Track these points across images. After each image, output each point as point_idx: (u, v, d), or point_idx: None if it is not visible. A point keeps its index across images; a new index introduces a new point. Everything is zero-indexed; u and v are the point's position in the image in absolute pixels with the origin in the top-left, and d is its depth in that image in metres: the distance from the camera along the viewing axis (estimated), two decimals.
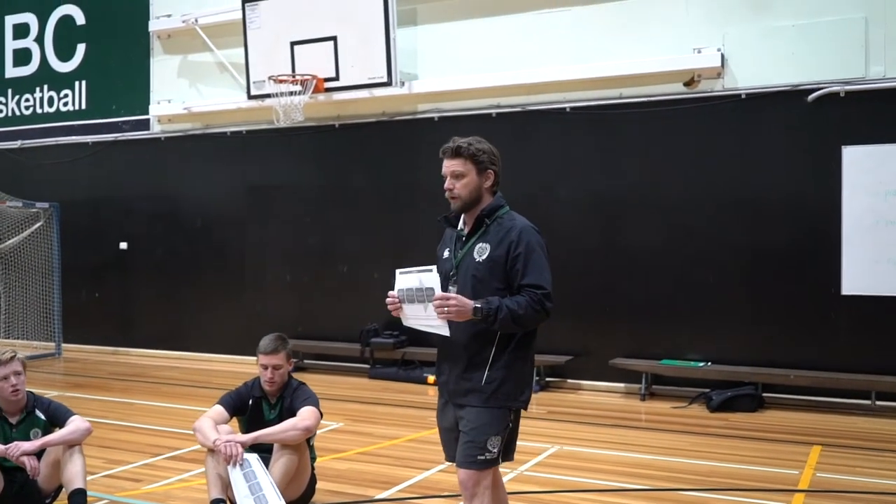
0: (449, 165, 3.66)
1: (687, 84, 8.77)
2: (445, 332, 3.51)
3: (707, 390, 8.30)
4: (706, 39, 8.70)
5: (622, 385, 8.96)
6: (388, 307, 3.68)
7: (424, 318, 3.54)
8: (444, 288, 3.54)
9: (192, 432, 6.79)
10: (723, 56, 8.60)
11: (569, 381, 9.27)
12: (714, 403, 7.98)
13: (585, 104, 9.26)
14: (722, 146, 8.67)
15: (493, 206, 3.68)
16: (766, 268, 8.47)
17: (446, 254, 3.75)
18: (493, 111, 9.73)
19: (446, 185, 3.66)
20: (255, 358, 7.43)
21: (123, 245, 12.17)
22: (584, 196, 9.26)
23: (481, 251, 3.58)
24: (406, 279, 3.58)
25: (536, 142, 9.52)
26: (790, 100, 8.39)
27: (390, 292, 3.67)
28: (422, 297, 3.51)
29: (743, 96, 8.55)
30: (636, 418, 7.89)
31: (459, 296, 3.44)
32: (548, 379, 9.26)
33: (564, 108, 9.34)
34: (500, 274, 3.54)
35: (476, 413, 3.55)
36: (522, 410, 3.68)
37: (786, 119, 8.42)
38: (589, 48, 9.24)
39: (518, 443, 3.82)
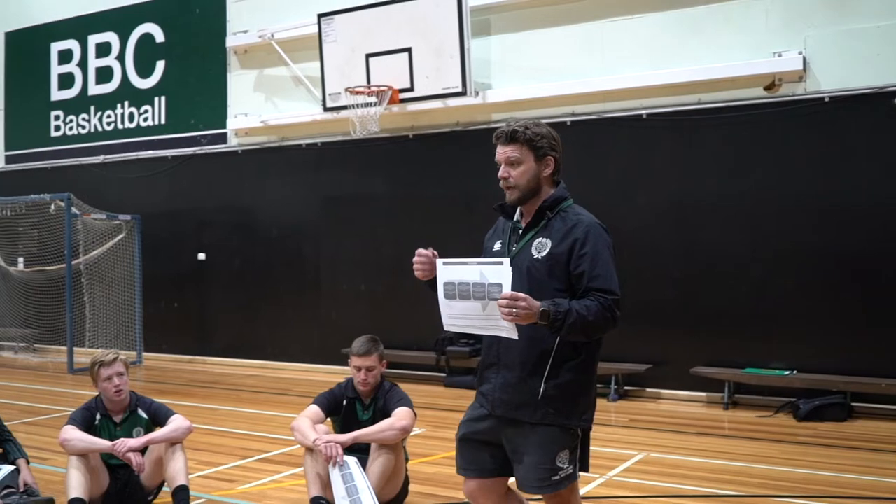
0: (503, 152, 3.27)
1: (767, 88, 8.65)
2: (513, 334, 3.00)
3: (793, 399, 8.13)
4: (787, 43, 8.57)
5: (703, 394, 8.83)
6: (416, 266, 3.27)
7: (480, 319, 3.03)
8: None
9: (279, 436, 6.94)
10: (804, 59, 8.47)
11: (648, 389, 9.16)
12: (802, 412, 7.81)
13: (662, 110, 9.19)
14: (804, 150, 8.52)
15: (556, 196, 3.28)
16: (851, 273, 8.27)
17: (498, 246, 3.35)
18: (568, 119, 9.72)
19: (500, 173, 3.27)
20: (331, 366, 7.51)
21: (201, 256, 12.44)
22: (663, 203, 9.17)
23: (541, 247, 3.20)
24: (458, 272, 3.07)
25: (612, 149, 9.48)
26: (875, 102, 8.20)
27: (420, 250, 3.28)
28: (482, 293, 2.99)
29: (826, 99, 8.40)
30: (720, 427, 7.76)
31: (528, 297, 2.94)
32: (626, 388, 9.17)
33: (641, 115, 9.29)
34: (561, 274, 3.15)
35: (534, 430, 3.20)
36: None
37: (870, 122, 8.24)
38: (665, 54, 9.18)
39: (603, 449, 3.66)
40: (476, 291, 3.01)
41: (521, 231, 3.30)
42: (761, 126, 8.67)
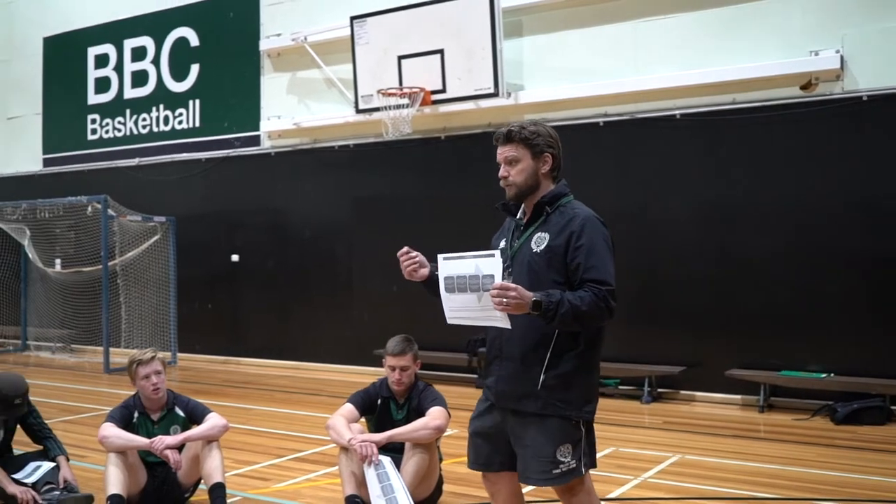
0: (501, 151, 3.39)
1: (804, 87, 8.55)
2: (506, 324, 3.11)
3: (830, 402, 8.02)
4: (823, 41, 8.47)
5: (738, 397, 8.73)
6: (404, 263, 3.40)
7: (477, 310, 3.13)
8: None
9: (313, 436, 6.97)
10: (842, 58, 8.36)
11: (682, 392, 9.09)
12: (840, 416, 7.70)
13: (697, 110, 9.12)
14: (842, 150, 8.41)
15: (555, 193, 3.37)
16: (889, 275, 8.14)
17: (502, 244, 3.44)
18: (601, 120, 9.68)
19: (500, 172, 3.37)
20: (363, 367, 7.46)
21: (235, 257, 12.55)
22: (697, 204, 9.10)
23: (539, 241, 3.28)
24: (456, 265, 3.17)
25: (646, 150, 9.42)
26: None
27: (406, 248, 3.41)
28: (477, 285, 3.10)
29: (864, 98, 8.28)
30: (756, 430, 7.67)
31: (519, 287, 3.04)
32: (660, 390, 9.10)
33: (674, 115, 9.22)
34: (559, 266, 3.22)
35: (535, 421, 3.25)
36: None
37: None
38: (699, 53, 9.11)
39: (637, 451, 3.66)
40: (472, 283, 3.12)
41: (522, 228, 3.40)
42: (797, 126, 8.57)
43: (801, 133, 8.57)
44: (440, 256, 3.26)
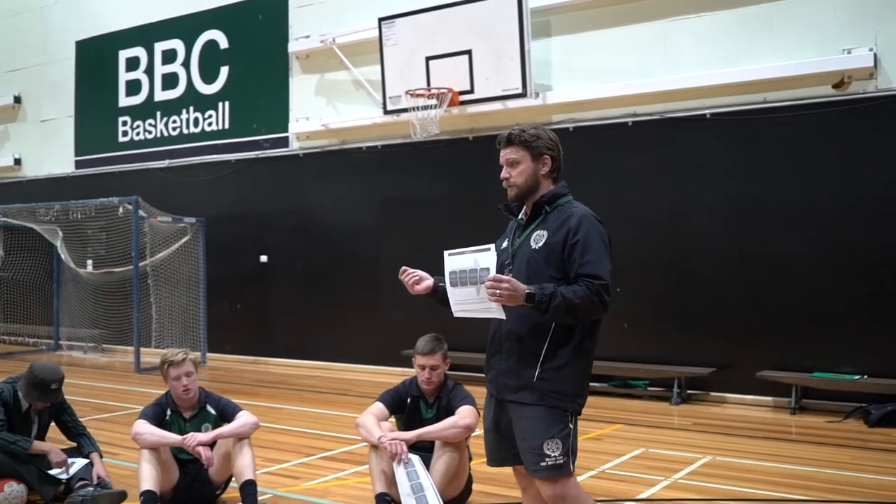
0: (503, 154, 3.52)
1: (836, 86, 8.45)
2: (501, 314, 3.27)
3: (864, 404, 7.92)
4: (856, 39, 8.38)
5: (770, 398, 8.64)
6: (405, 280, 3.56)
7: (476, 303, 3.30)
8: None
9: (342, 435, 7.00)
10: (875, 56, 8.25)
11: (712, 393, 9.01)
12: (873, 418, 7.60)
13: (727, 110, 9.05)
14: (875, 149, 8.30)
15: (554, 192, 3.50)
16: None
17: (505, 244, 3.58)
18: (630, 120, 9.63)
19: (502, 174, 3.52)
20: (391, 368, 7.35)
21: (263, 258, 12.62)
22: (727, 205, 9.02)
23: (538, 238, 3.41)
24: (457, 260, 3.36)
25: (675, 150, 9.36)
26: None
27: (404, 266, 3.57)
28: (475, 278, 3.27)
29: None
30: (787, 431, 7.60)
31: (512, 279, 3.21)
32: (689, 391, 9.04)
33: (704, 115, 9.16)
34: (557, 262, 3.35)
35: (529, 412, 3.37)
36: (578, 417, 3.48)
37: None
38: (730, 52, 9.04)
39: (667, 452, 3.68)
40: (472, 277, 3.30)
41: (522, 226, 3.55)
42: (830, 125, 8.48)
43: (834, 132, 8.48)
44: (445, 253, 3.40)
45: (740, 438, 7.23)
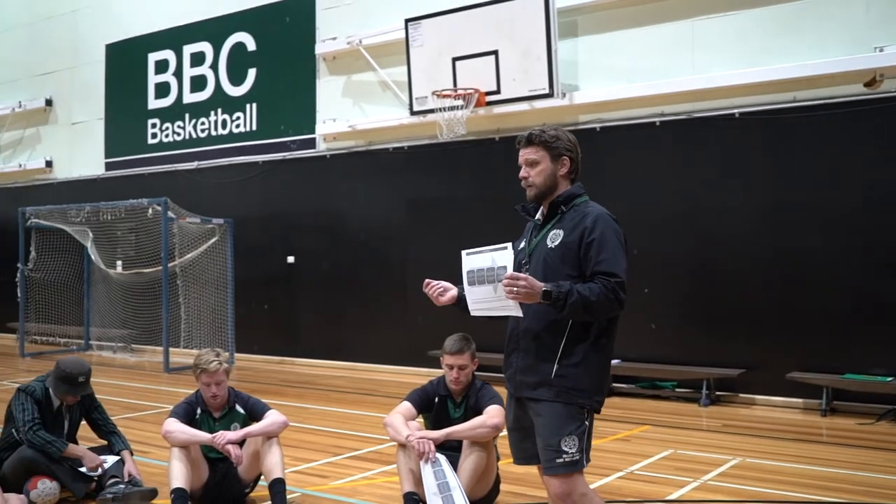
0: (523, 154, 3.57)
1: (867, 84, 8.34)
2: (518, 312, 3.32)
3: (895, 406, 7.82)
4: (889, 37, 8.27)
5: (800, 400, 8.55)
6: (429, 292, 3.58)
7: (494, 301, 3.34)
8: None
9: (369, 435, 7.02)
10: None
11: (741, 395, 8.93)
12: None
13: (756, 109, 8.97)
14: None
15: (570, 192, 3.54)
16: None
17: (522, 244, 3.62)
18: (657, 119, 9.58)
19: (521, 173, 3.56)
20: (418, 368, 7.27)
21: (291, 259, 12.69)
22: (756, 205, 8.94)
23: (554, 237, 3.46)
24: (475, 259, 3.40)
25: (703, 149, 9.30)
26: None
27: (427, 280, 3.58)
28: (492, 277, 3.32)
29: None
30: (818, 433, 7.52)
31: (529, 276, 3.26)
32: (718, 393, 8.96)
33: (733, 114, 9.08)
34: (573, 261, 3.39)
35: (546, 408, 3.38)
36: (596, 413, 3.48)
37: None
38: (759, 51, 8.96)
39: (696, 454, 3.67)
40: (489, 275, 3.34)
41: (539, 226, 3.58)
42: (861, 124, 8.38)
43: (865, 131, 8.38)
44: (463, 252, 3.44)
45: (770, 440, 7.16)
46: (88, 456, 5.21)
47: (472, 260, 3.40)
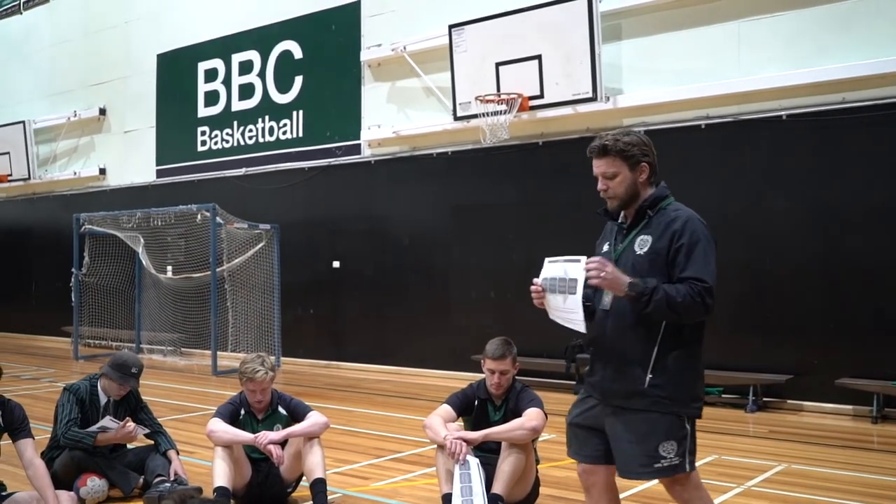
0: (598, 166, 3.46)
1: None
2: (581, 328, 3.31)
3: None
4: None
5: (850, 407, 8.39)
6: (532, 296, 3.51)
7: (563, 311, 3.36)
8: None
9: (411, 438, 7.05)
10: None
11: (788, 401, 8.79)
12: None
13: (804, 111, 8.84)
14: None
15: (656, 196, 3.46)
16: None
17: (606, 247, 3.55)
18: (702, 122, 9.49)
19: (599, 185, 3.47)
20: (461, 373, 7.23)
21: (336, 264, 12.82)
22: (805, 207, 8.81)
23: (643, 244, 3.38)
24: (552, 268, 3.43)
25: (750, 152, 9.19)
26: None
27: (535, 280, 3.51)
28: (564, 287, 3.33)
29: None
30: (868, 441, 7.37)
31: (615, 267, 3.26)
32: (765, 399, 8.82)
33: (780, 116, 8.96)
34: (662, 266, 3.32)
35: (642, 418, 3.33)
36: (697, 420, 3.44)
37: None
38: (807, 52, 8.84)
39: (740, 459, 3.64)
40: (560, 286, 3.36)
41: (625, 231, 3.50)
42: None
43: None
44: (546, 259, 3.48)
45: (818, 447, 7.03)
46: (120, 433, 5.30)
47: (550, 268, 3.44)
